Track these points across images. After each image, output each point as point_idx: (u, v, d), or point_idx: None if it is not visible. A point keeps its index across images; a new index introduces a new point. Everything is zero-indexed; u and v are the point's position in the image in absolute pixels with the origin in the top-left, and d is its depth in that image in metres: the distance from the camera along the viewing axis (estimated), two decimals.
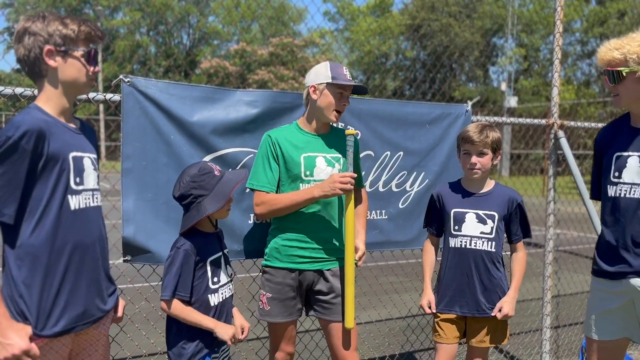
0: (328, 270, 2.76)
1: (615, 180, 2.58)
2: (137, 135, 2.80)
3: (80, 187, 1.94)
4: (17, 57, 1.90)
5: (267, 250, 2.80)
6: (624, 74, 2.47)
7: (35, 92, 2.64)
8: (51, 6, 36.78)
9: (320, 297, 2.77)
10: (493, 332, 2.83)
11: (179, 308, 2.26)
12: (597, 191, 2.78)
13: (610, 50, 2.50)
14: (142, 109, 2.80)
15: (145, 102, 2.81)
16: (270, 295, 2.74)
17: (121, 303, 2.23)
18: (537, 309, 5.11)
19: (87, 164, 1.98)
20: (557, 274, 4.67)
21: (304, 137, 2.77)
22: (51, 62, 1.89)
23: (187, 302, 2.27)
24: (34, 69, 1.91)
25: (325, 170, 2.73)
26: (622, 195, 2.55)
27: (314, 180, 2.70)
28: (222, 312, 2.37)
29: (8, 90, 2.63)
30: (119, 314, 2.21)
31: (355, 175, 2.63)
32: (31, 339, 1.81)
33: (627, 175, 2.54)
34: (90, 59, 1.97)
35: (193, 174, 2.29)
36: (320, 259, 2.74)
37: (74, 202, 1.90)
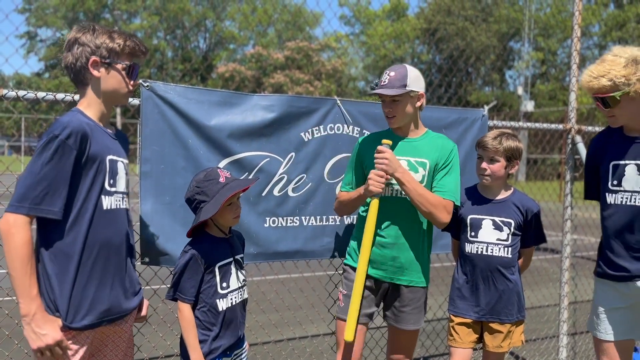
0: (400, 284, 2.76)
1: (615, 188, 2.64)
2: (155, 139, 2.83)
3: (113, 189, 2.04)
4: (65, 63, 2.04)
5: (347, 250, 2.91)
6: (618, 98, 2.51)
7: (57, 96, 2.71)
8: (70, 11, 37.27)
9: (393, 303, 2.81)
10: (509, 336, 2.83)
11: (186, 318, 2.29)
12: (592, 191, 2.85)
13: (596, 78, 2.53)
14: (160, 113, 2.84)
15: (164, 106, 2.85)
16: (346, 292, 2.80)
17: (145, 302, 2.29)
18: (554, 315, 5.07)
19: (121, 167, 2.10)
20: (574, 280, 4.63)
21: (392, 139, 2.74)
22: (95, 72, 2.02)
23: (192, 305, 2.31)
24: (78, 77, 2.05)
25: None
26: (623, 202, 2.61)
27: (391, 183, 2.70)
28: (231, 318, 2.38)
29: (30, 95, 2.68)
30: (143, 312, 2.27)
31: (389, 178, 2.61)
32: (62, 330, 1.90)
33: (627, 184, 2.60)
34: (131, 72, 2.11)
35: (199, 180, 2.33)
36: (389, 271, 2.74)
37: (106, 202, 2.01)
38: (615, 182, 2.63)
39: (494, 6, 35.61)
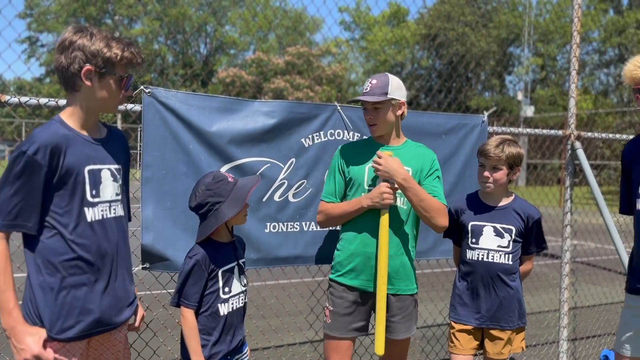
0: (387, 293, 2.71)
1: None
2: (156, 144, 2.85)
3: (97, 200, 1.98)
4: (56, 65, 1.94)
5: (332, 263, 2.83)
6: None
7: (59, 102, 2.70)
8: (71, 16, 37.36)
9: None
10: (510, 343, 2.83)
11: (189, 323, 2.29)
12: (626, 205, 2.72)
13: None
14: (162, 119, 2.86)
15: (165, 112, 2.86)
16: (332, 308, 2.75)
17: (140, 312, 2.26)
18: (554, 321, 5.07)
19: (105, 175, 2.02)
20: (574, 286, 4.64)
21: (373, 148, 2.77)
22: (87, 82, 1.93)
23: (195, 311, 2.31)
24: (69, 82, 1.95)
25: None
26: None
27: None
28: (232, 323, 2.39)
29: (33, 101, 2.69)
30: (137, 323, 2.23)
31: (397, 188, 2.61)
32: (47, 342, 1.87)
33: None
34: (125, 84, 2.02)
35: (208, 183, 2.32)
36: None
37: (90, 214, 1.95)
38: None
39: (493, 12, 35.69)
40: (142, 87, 2.83)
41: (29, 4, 39.98)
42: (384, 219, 2.61)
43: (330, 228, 3.20)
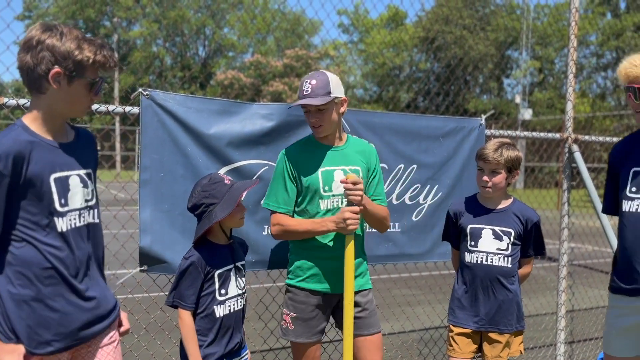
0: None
1: (633, 195, 2.54)
2: (155, 147, 2.85)
3: (66, 209, 1.86)
4: (20, 65, 1.79)
5: (290, 269, 2.77)
6: None
7: None
8: (70, 18, 37.35)
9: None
10: (509, 346, 2.83)
11: (186, 325, 2.29)
12: (611, 205, 2.75)
13: (636, 66, 2.45)
14: (160, 122, 2.86)
15: (164, 115, 2.87)
16: (294, 315, 2.70)
17: (123, 314, 2.17)
18: (551, 323, 5.07)
19: (74, 182, 1.90)
20: (572, 289, 4.64)
21: (320, 150, 2.72)
22: (54, 85, 1.79)
23: (192, 312, 2.31)
24: (33, 84, 1.81)
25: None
26: None
27: (333, 195, 2.66)
28: (228, 325, 2.39)
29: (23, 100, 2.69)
30: (124, 327, 2.15)
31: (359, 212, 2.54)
32: (27, 357, 1.78)
33: None
34: (95, 88, 1.89)
35: (204, 184, 2.35)
36: (339, 282, 2.65)
37: (60, 224, 1.84)
38: (634, 189, 2.53)
39: (491, 15, 35.77)
40: (140, 89, 2.83)
41: (27, 6, 39.98)
42: (350, 245, 2.51)
43: None
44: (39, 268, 1.80)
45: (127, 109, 2.89)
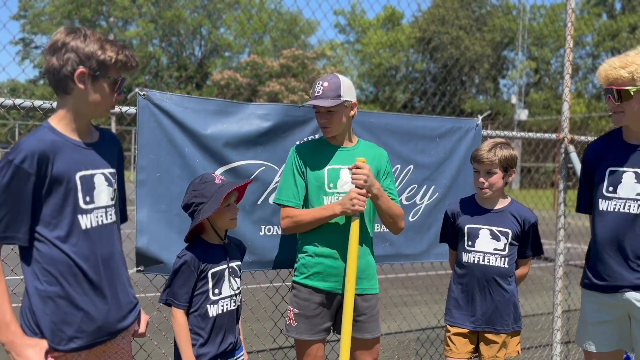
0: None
1: (609, 194, 2.59)
2: (151, 147, 2.85)
3: (91, 206, 1.93)
4: (47, 67, 1.88)
5: (296, 266, 2.81)
6: (632, 93, 2.46)
7: (53, 104, 2.67)
8: (66, 18, 37.26)
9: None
10: (505, 346, 2.84)
11: (179, 323, 2.31)
12: (585, 204, 2.79)
13: (616, 68, 2.48)
14: (157, 122, 2.86)
15: (160, 115, 2.86)
16: (298, 311, 2.74)
17: (144, 318, 2.22)
18: (547, 323, 5.08)
19: (99, 181, 1.97)
20: (568, 289, 4.65)
21: (330, 149, 2.78)
22: (80, 85, 1.87)
23: (185, 310, 2.33)
24: (60, 85, 1.89)
25: (349, 182, 2.67)
26: (617, 210, 2.56)
27: (338, 193, 2.71)
28: (221, 325, 2.39)
29: (27, 103, 2.69)
30: (142, 329, 2.20)
31: (369, 196, 2.61)
32: (49, 352, 1.83)
33: (622, 191, 2.55)
34: (118, 87, 1.97)
35: (195, 184, 2.39)
36: (342, 281, 2.68)
37: (84, 221, 1.91)
38: (610, 189, 2.58)
39: (488, 16, 35.85)
40: (137, 89, 2.83)
41: (23, 5, 39.85)
42: (354, 226, 2.56)
43: None
44: (63, 265, 1.86)
45: (124, 109, 2.88)
